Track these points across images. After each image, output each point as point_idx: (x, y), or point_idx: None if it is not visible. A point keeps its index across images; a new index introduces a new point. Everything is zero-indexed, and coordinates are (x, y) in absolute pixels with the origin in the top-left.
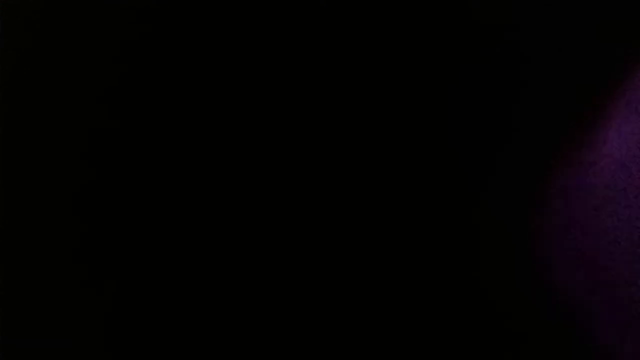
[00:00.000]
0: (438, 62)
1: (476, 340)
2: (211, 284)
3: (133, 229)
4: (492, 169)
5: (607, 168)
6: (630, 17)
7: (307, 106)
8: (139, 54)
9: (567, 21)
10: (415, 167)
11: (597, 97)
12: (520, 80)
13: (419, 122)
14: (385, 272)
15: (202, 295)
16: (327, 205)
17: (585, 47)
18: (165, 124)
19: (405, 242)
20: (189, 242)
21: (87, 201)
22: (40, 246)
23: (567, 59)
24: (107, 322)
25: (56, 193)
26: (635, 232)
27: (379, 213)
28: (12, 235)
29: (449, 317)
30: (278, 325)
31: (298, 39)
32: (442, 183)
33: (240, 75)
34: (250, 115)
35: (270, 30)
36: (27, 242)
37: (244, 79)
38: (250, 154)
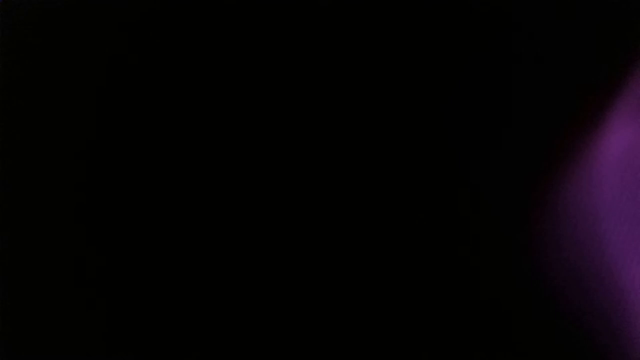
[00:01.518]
0: (438, 62)
1: (474, 339)
2: (211, 285)
3: (133, 230)
4: (490, 168)
5: (606, 167)
6: (630, 17)
7: (306, 105)
8: (139, 54)
9: (567, 20)
10: (413, 165)
11: (596, 97)
12: (519, 80)
13: (418, 121)
14: (382, 270)
15: (202, 296)
16: (326, 204)
17: (585, 47)
18: (165, 124)
19: (403, 240)
20: (189, 243)
21: (86, 201)
22: (40, 246)
23: (566, 58)
24: (107, 322)
25: (56, 193)
26: (635, 232)
27: (378, 211)
28: (12, 235)
29: (447, 315)
30: (278, 325)
31: (297, 39)
32: (440, 182)
33: (240, 76)
34: (250, 116)
35: (269, 29)
36: (27, 242)
37: (244, 79)
38: (250, 154)
